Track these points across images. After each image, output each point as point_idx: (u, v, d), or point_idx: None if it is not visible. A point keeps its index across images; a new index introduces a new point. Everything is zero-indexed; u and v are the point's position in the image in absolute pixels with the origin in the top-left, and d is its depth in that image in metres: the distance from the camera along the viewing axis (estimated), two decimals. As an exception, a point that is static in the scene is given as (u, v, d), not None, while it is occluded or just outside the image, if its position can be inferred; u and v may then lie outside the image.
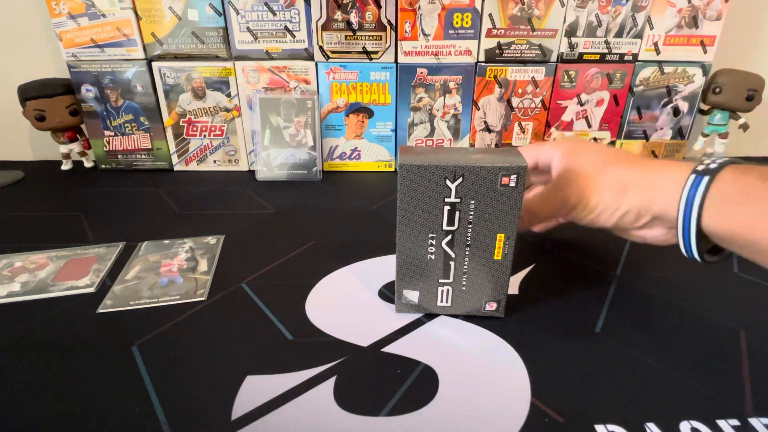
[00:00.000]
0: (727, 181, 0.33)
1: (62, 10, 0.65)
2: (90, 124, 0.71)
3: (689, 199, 0.34)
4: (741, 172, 0.33)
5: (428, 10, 0.65)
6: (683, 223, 0.35)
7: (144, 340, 0.38)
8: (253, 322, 0.40)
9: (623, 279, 0.47)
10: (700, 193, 0.33)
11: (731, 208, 0.32)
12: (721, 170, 0.34)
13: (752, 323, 0.40)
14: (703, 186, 0.33)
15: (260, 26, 0.66)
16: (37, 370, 0.35)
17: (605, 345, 0.38)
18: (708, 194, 0.33)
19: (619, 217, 0.38)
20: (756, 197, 0.32)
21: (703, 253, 0.36)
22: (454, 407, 0.32)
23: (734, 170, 0.33)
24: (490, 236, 0.36)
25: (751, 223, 0.32)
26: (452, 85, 0.69)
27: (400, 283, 0.40)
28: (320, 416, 0.31)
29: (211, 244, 0.52)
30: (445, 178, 0.34)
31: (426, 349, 0.37)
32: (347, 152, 0.74)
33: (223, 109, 0.70)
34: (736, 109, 0.73)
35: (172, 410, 0.32)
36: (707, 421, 0.31)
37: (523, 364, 0.36)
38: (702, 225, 0.34)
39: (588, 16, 0.67)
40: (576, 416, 0.32)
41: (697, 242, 0.35)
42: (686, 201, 0.34)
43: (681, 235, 0.35)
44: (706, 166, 0.34)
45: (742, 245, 0.33)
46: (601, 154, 0.41)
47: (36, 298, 0.43)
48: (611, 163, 0.39)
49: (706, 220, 0.34)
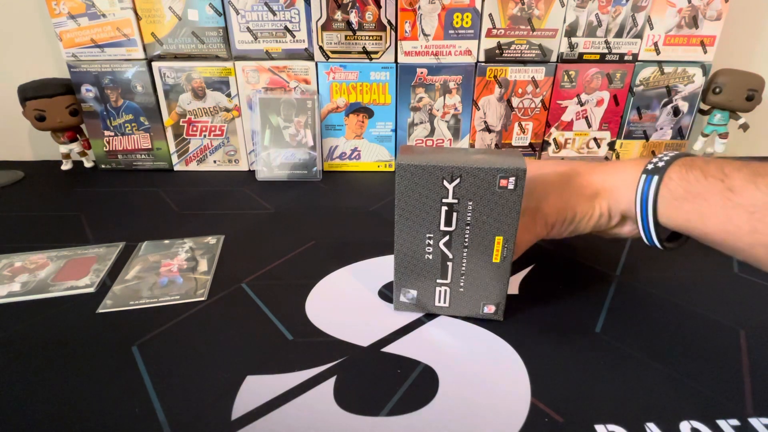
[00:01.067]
0: (674, 179, 0.35)
1: (62, 10, 0.65)
2: (90, 124, 0.71)
3: (643, 199, 0.37)
4: (686, 168, 0.35)
5: (428, 10, 0.65)
6: (642, 220, 0.37)
7: (144, 340, 0.38)
8: (253, 322, 0.40)
9: (623, 279, 0.47)
10: (651, 192, 0.36)
11: (680, 204, 0.35)
12: (669, 168, 0.36)
13: (752, 323, 0.40)
14: (653, 185, 0.36)
15: (260, 26, 0.66)
16: (37, 370, 0.35)
17: (605, 345, 0.38)
18: (659, 193, 0.36)
19: (595, 221, 0.40)
20: (699, 193, 0.34)
21: (663, 242, 0.39)
22: (454, 407, 0.32)
23: (680, 167, 0.36)
24: (488, 238, 0.36)
25: (698, 218, 0.34)
26: (452, 85, 0.69)
27: (398, 282, 0.40)
28: (320, 416, 0.31)
29: (211, 244, 0.52)
30: (442, 179, 0.34)
31: (426, 349, 0.37)
32: (347, 152, 0.74)
33: (223, 109, 0.70)
34: (736, 109, 0.73)
35: (172, 410, 0.32)
36: (707, 421, 0.31)
37: (523, 364, 0.36)
38: (658, 220, 0.37)
39: (588, 16, 0.67)
40: (576, 416, 0.32)
41: (657, 235, 0.38)
42: (641, 200, 0.37)
43: (642, 230, 0.38)
44: (655, 165, 0.37)
45: (697, 237, 0.36)
46: (561, 168, 0.43)
47: (36, 298, 0.43)
48: (575, 174, 0.42)
49: (661, 216, 0.36)
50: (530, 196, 0.41)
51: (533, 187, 0.42)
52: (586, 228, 0.41)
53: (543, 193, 0.41)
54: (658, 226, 0.37)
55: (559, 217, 0.40)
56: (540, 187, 0.42)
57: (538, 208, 0.41)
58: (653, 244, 0.39)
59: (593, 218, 0.40)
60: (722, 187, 0.33)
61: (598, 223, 0.40)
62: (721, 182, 0.33)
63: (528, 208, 0.41)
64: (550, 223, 0.41)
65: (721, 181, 0.33)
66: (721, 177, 0.33)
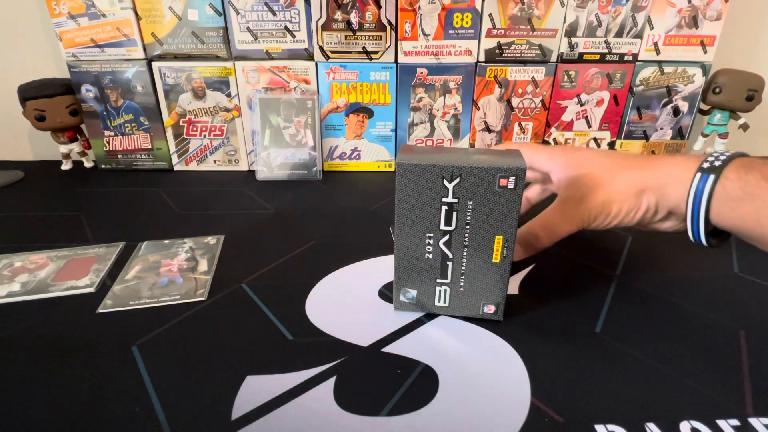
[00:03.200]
0: (731, 179, 0.35)
1: (62, 10, 0.65)
2: (90, 124, 0.71)
3: (696, 198, 0.36)
4: (744, 170, 0.35)
5: (428, 10, 0.65)
6: (692, 218, 0.37)
7: (144, 340, 0.38)
8: (253, 322, 0.40)
9: (623, 279, 0.47)
10: (706, 191, 0.36)
11: (735, 206, 0.35)
12: (726, 167, 0.35)
13: (752, 323, 0.40)
14: (709, 185, 0.36)
15: (260, 26, 0.66)
16: (37, 370, 0.35)
17: (605, 345, 0.38)
18: (714, 193, 0.35)
19: (641, 216, 0.40)
20: (757, 194, 0.33)
21: (709, 238, 0.38)
22: (454, 407, 0.32)
23: (738, 167, 0.35)
24: (488, 238, 0.36)
25: (754, 219, 0.34)
26: (452, 85, 0.69)
27: (398, 281, 0.40)
28: (320, 416, 0.31)
29: (211, 244, 0.52)
30: (442, 178, 0.34)
31: (426, 349, 0.37)
32: (347, 152, 0.74)
33: (223, 109, 0.71)
34: (736, 109, 0.72)
35: (172, 410, 0.32)
36: (707, 421, 0.31)
37: (523, 364, 0.36)
38: (710, 219, 0.36)
39: (588, 16, 0.67)
40: (576, 416, 0.32)
41: (705, 234, 0.38)
42: (694, 199, 0.36)
43: (690, 228, 0.38)
44: (711, 164, 0.36)
45: (749, 238, 0.36)
46: (606, 159, 0.42)
47: (36, 298, 0.43)
48: (621, 167, 0.41)
49: (713, 216, 0.36)
50: (576, 185, 0.41)
51: (579, 176, 0.41)
52: (630, 222, 0.41)
53: (589, 185, 0.41)
54: (707, 224, 0.37)
55: (604, 211, 0.40)
56: (587, 177, 0.41)
57: (583, 198, 0.40)
58: (699, 240, 0.38)
59: (639, 213, 0.40)
60: None
61: (644, 217, 0.40)
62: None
63: (572, 198, 0.41)
64: (593, 215, 0.40)
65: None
66: None
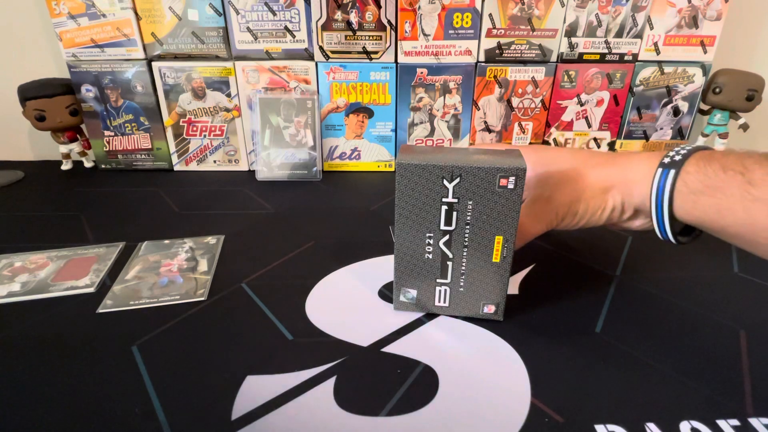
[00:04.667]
0: (691, 172, 0.35)
1: (62, 10, 0.65)
2: (90, 124, 0.71)
3: (659, 193, 0.36)
4: (705, 162, 0.35)
5: (428, 10, 0.65)
6: (657, 214, 0.37)
7: (144, 340, 0.38)
8: (253, 322, 0.40)
9: (623, 279, 0.47)
10: (668, 186, 0.36)
11: (697, 199, 0.34)
12: (686, 161, 0.35)
13: (752, 323, 0.40)
14: (670, 180, 0.36)
15: (260, 26, 0.66)
16: (37, 370, 0.35)
17: (605, 345, 0.38)
18: (675, 187, 0.35)
19: (608, 215, 0.40)
20: (717, 186, 0.33)
21: (677, 235, 0.38)
22: (454, 407, 0.32)
23: (698, 160, 0.35)
24: (488, 238, 0.36)
25: (716, 212, 0.34)
26: (452, 85, 0.69)
27: (398, 281, 0.40)
28: (320, 416, 0.31)
29: (211, 244, 0.52)
30: (442, 178, 0.34)
31: (426, 349, 0.37)
32: (347, 152, 0.74)
33: (223, 109, 0.70)
34: (736, 109, 0.72)
35: (172, 410, 0.32)
36: (707, 421, 0.31)
37: (523, 365, 0.36)
38: (674, 214, 0.36)
39: (588, 16, 0.67)
40: (576, 416, 0.32)
41: (671, 228, 0.37)
42: (656, 194, 0.36)
43: (656, 224, 0.38)
44: (672, 159, 0.36)
45: (713, 231, 0.35)
46: (573, 157, 0.42)
47: (36, 298, 0.43)
48: (588, 166, 0.41)
49: (677, 210, 0.36)
50: (544, 184, 0.41)
51: (548, 175, 0.41)
52: (598, 221, 0.41)
53: (557, 183, 0.41)
54: (673, 220, 0.37)
55: (571, 210, 0.40)
56: (555, 176, 0.41)
57: (550, 197, 0.40)
58: (666, 238, 0.38)
59: (606, 211, 0.40)
60: (742, 180, 0.32)
61: (611, 216, 0.40)
62: (741, 175, 0.32)
63: (541, 197, 0.40)
64: (561, 214, 0.40)
65: (741, 175, 0.32)
66: (741, 170, 0.32)
